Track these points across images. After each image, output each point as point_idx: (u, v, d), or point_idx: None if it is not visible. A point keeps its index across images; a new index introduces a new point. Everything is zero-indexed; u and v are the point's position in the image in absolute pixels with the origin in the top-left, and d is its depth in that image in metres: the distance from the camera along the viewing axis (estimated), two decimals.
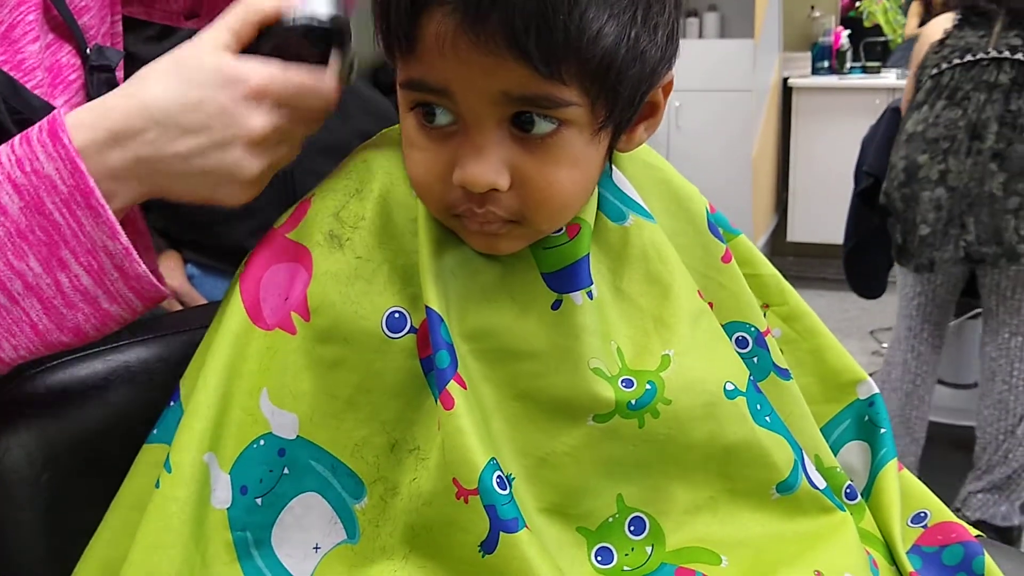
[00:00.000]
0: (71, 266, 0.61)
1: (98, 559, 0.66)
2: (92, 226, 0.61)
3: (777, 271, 0.82)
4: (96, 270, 0.62)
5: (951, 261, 2.28)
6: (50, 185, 0.60)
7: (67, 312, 0.62)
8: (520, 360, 0.67)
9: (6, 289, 0.61)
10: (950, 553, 0.76)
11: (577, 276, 0.69)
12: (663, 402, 0.69)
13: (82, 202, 0.60)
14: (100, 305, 0.63)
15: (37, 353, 0.64)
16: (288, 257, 0.67)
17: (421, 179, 0.64)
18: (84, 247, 0.61)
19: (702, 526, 0.71)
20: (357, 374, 0.65)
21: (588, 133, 0.62)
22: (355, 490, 0.66)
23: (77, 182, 0.60)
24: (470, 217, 0.64)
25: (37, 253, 0.60)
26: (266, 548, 0.65)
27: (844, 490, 0.78)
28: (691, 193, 0.79)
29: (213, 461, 0.63)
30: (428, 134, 0.62)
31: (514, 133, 0.60)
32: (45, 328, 0.62)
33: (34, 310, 0.62)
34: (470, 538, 0.62)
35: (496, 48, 0.55)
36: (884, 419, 0.82)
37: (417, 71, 0.60)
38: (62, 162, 0.60)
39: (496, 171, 0.60)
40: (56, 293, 0.62)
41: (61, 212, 0.60)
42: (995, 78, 2.24)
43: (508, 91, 0.58)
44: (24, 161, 0.60)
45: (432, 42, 0.57)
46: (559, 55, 0.56)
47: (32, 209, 0.60)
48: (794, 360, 0.81)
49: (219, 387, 0.64)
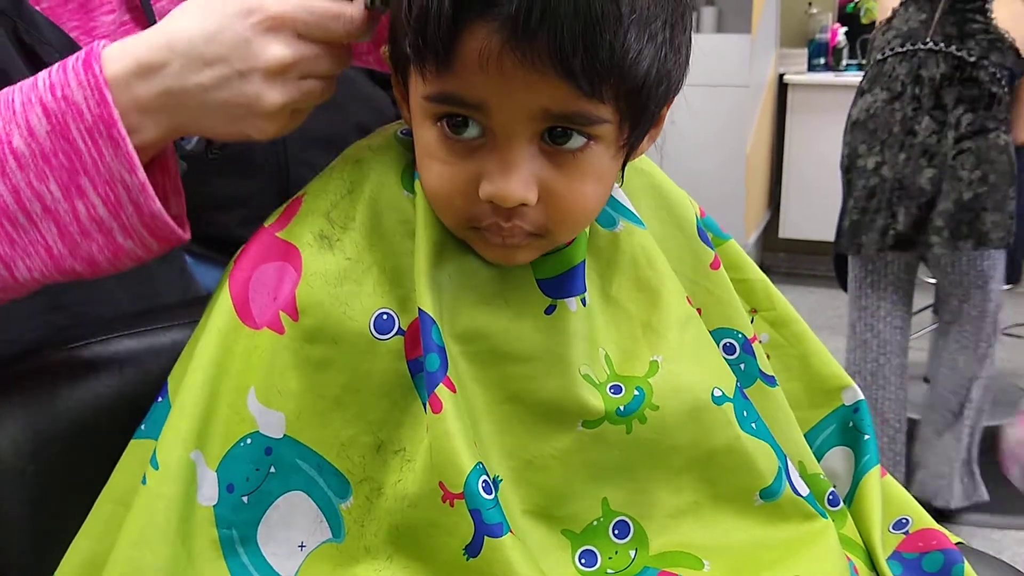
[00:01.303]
0: (89, 194, 0.62)
1: (83, 553, 0.66)
2: (111, 156, 0.61)
3: (766, 276, 0.83)
4: (112, 201, 0.62)
5: (877, 247, 2.34)
6: (77, 112, 0.61)
7: (81, 240, 0.63)
8: (512, 363, 0.68)
9: (25, 209, 0.62)
10: (930, 560, 0.77)
11: (572, 282, 0.70)
12: (650, 408, 0.69)
13: (104, 132, 0.61)
14: (114, 238, 0.64)
15: (50, 278, 0.64)
16: (277, 256, 0.68)
17: (442, 192, 0.64)
18: (103, 177, 0.62)
19: (685, 531, 0.72)
20: (344, 374, 0.66)
21: (614, 149, 0.63)
22: (341, 489, 0.66)
23: (102, 112, 0.61)
24: (494, 231, 0.64)
25: (58, 178, 0.61)
26: (252, 546, 0.65)
27: (826, 497, 0.79)
28: (681, 199, 0.79)
29: (200, 459, 0.64)
30: (452, 147, 0.62)
31: (544, 148, 0.61)
32: (59, 253, 0.63)
33: (50, 234, 0.63)
34: (454, 541, 0.62)
35: (541, 66, 0.56)
36: (868, 425, 0.82)
37: (452, 85, 0.59)
38: (90, 90, 0.61)
39: (526, 186, 0.61)
40: (72, 220, 0.62)
41: (84, 140, 0.61)
42: (930, 71, 2.27)
43: (548, 108, 0.58)
44: (56, 86, 0.61)
45: (473, 58, 0.57)
46: (602, 75, 0.57)
47: (57, 134, 0.61)
48: (781, 365, 0.82)
49: (206, 385, 0.64)
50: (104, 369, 0.76)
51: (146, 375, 0.77)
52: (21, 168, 0.61)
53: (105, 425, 0.73)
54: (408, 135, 0.73)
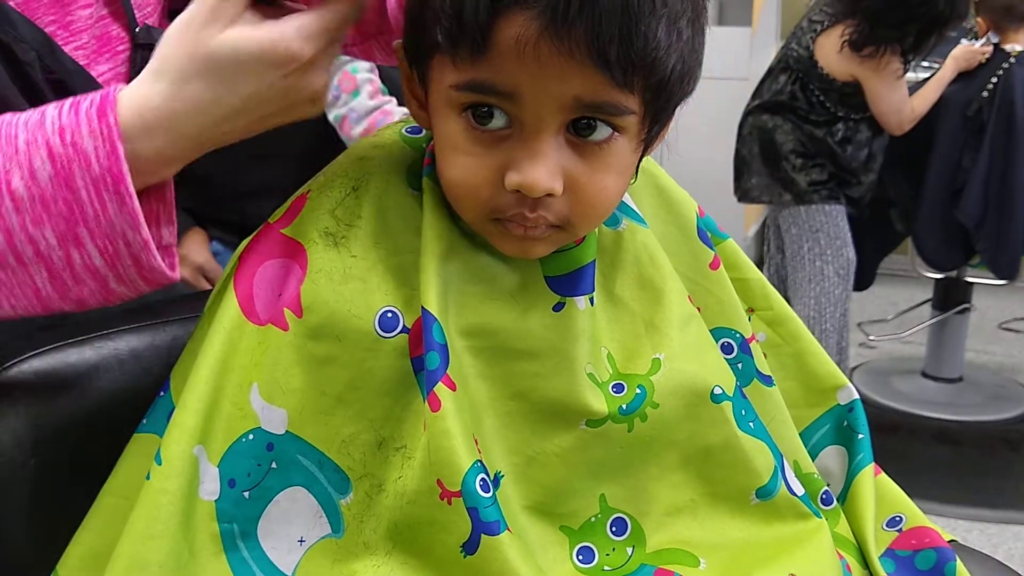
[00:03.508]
0: (86, 245, 0.60)
1: (86, 546, 0.67)
2: (115, 212, 0.59)
3: (763, 276, 0.83)
4: (111, 254, 0.61)
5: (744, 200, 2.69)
6: (85, 162, 0.59)
7: (73, 286, 0.62)
8: (518, 359, 0.68)
9: (16, 251, 0.60)
10: (923, 558, 0.77)
11: (582, 281, 0.70)
12: (651, 406, 0.70)
13: (111, 187, 0.59)
14: (108, 284, 0.63)
15: (34, 314, 0.64)
16: (283, 253, 0.68)
17: (467, 183, 0.64)
18: (103, 230, 0.60)
19: (682, 528, 0.73)
20: (348, 372, 0.66)
21: (635, 142, 0.64)
22: (341, 485, 0.67)
23: (111, 165, 0.59)
24: (518, 222, 0.64)
25: (55, 225, 0.59)
26: (252, 540, 0.66)
27: (820, 496, 0.79)
28: (682, 198, 0.80)
29: (202, 454, 0.64)
30: (478, 138, 0.62)
31: (569, 139, 0.62)
32: (47, 295, 0.62)
33: (40, 277, 0.61)
34: (452, 539, 0.63)
35: (578, 55, 0.57)
36: (863, 425, 0.83)
37: (485, 73, 0.59)
38: (102, 141, 0.59)
39: (553, 176, 0.61)
40: (65, 267, 0.61)
41: (88, 191, 0.59)
42: (791, 54, 2.50)
43: (580, 97, 0.59)
44: (66, 130, 0.59)
45: (509, 45, 0.57)
46: (635, 65, 0.58)
47: (61, 181, 0.59)
48: (777, 364, 0.83)
49: (210, 381, 0.65)
50: (104, 364, 0.77)
51: (147, 369, 0.77)
52: (17, 211, 0.59)
53: (106, 419, 0.74)
54: (413, 133, 0.73)
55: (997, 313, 3.95)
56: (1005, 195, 2.63)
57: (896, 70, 2.39)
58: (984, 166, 2.65)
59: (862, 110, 2.48)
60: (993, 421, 2.99)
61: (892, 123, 2.49)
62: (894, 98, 2.44)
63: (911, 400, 3.08)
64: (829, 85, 2.45)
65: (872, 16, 2.30)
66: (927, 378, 3.19)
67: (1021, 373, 3.46)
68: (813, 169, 2.51)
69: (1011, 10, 2.66)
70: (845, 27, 2.36)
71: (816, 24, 2.46)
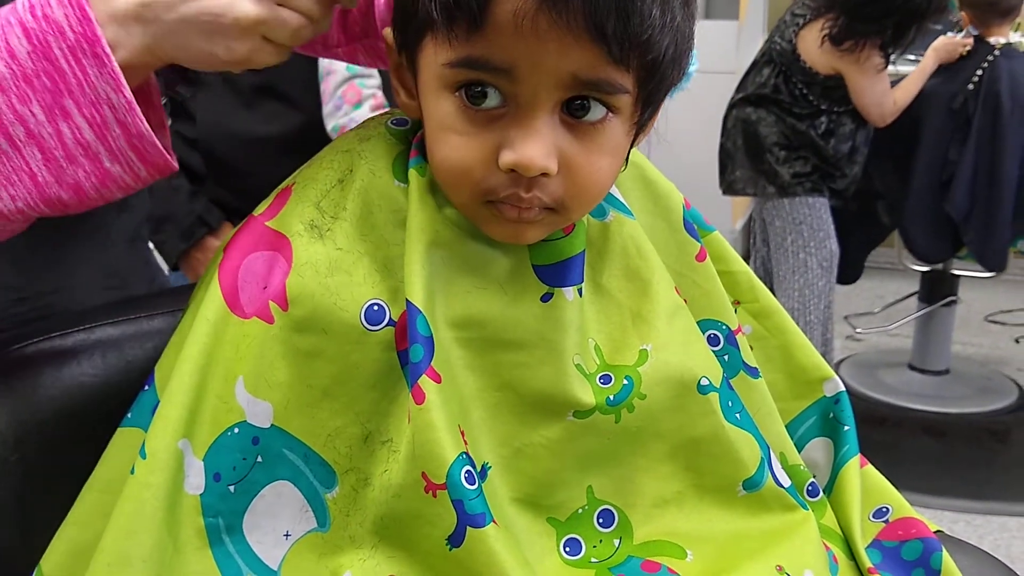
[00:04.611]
0: (74, 116, 0.61)
1: (70, 541, 0.67)
2: (96, 75, 0.60)
3: (749, 268, 0.83)
4: (99, 123, 0.61)
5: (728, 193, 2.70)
6: (58, 30, 0.59)
7: (67, 166, 0.62)
8: (506, 350, 0.68)
9: (7, 134, 0.60)
10: (909, 548, 0.78)
11: (570, 271, 0.70)
12: (639, 396, 0.70)
13: (88, 50, 0.60)
14: (101, 162, 0.62)
15: (35, 208, 0.63)
16: (268, 246, 0.68)
17: (460, 164, 0.63)
18: (88, 98, 0.60)
19: (669, 520, 0.73)
20: (334, 365, 0.66)
21: (628, 125, 0.65)
22: (327, 479, 0.67)
23: (84, 29, 0.59)
24: (512, 203, 0.64)
25: (41, 100, 0.60)
26: (237, 534, 0.66)
27: (806, 488, 0.79)
28: (668, 190, 0.80)
29: (187, 447, 0.64)
30: (472, 117, 0.62)
31: (564, 119, 0.62)
32: (44, 180, 0.62)
33: (34, 160, 0.61)
34: (437, 531, 0.62)
35: (576, 28, 0.57)
36: (848, 417, 0.83)
37: (480, 48, 0.59)
38: (71, 8, 0.59)
39: (548, 155, 0.61)
40: (57, 144, 0.61)
41: (67, 59, 0.60)
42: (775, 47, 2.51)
43: (576, 73, 0.59)
44: (36, 6, 0.60)
45: (507, 19, 0.57)
46: (632, 41, 0.58)
47: (39, 54, 0.59)
48: (763, 357, 0.83)
49: (195, 374, 0.64)
50: (87, 357, 0.76)
51: (129, 363, 0.77)
52: (2, 91, 0.60)
53: (89, 413, 0.74)
54: (399, 125, 0.73)
55: (983, 306, 3.97)
56: (992, 187, 2.65)
57: (877, 64, 2.40)
58: (971, 158, 2.66)
59: (845, 103, 2.49)
60: (979, 413, 3.01)
61: (874, 116, 2.50)
62: (876, 91, 2.45)
63: (898, 392, 3.09)
64: (812, 78, 2.46)
65: (850, 10, 2.31)
66: (914, 370, 3.20)
67: (1007, 365, 3.48)
68: (796, 162, 2.52)
69: (994, 6, 2.67)
70: (825, 21, 2.36)
71: (799, 18, 2.47)
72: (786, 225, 2.56)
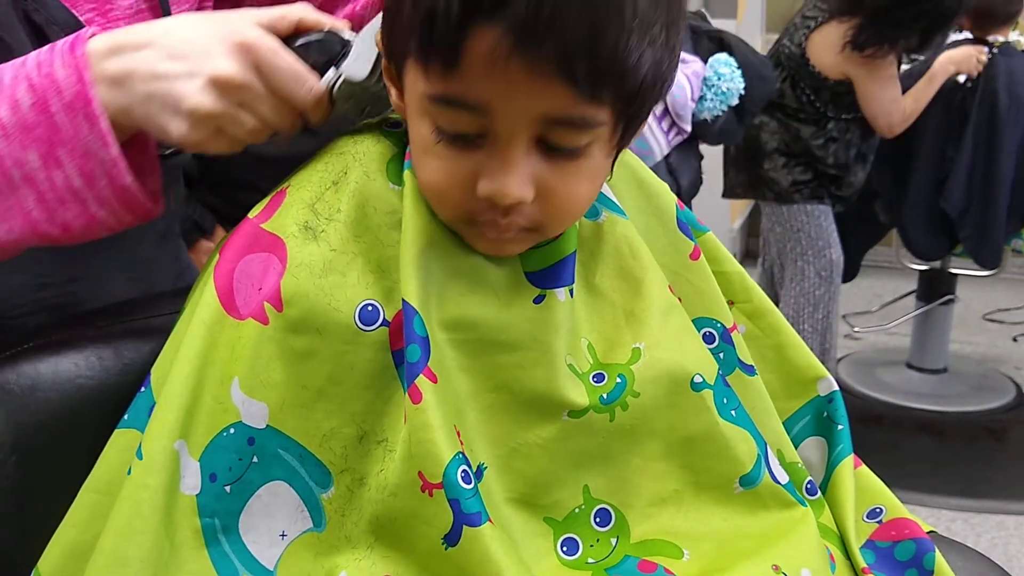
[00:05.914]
0: (65, 165, 0.66)
1: (67, 542, 0.67)
2: (87, 132, 0.65)
3: (742, 268, 0.84)
4: (87, 173, 0.66)
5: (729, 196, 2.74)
6: (57, 89, 0.65)
7: (57, 208, 0.67)
8: (500, 352, 0.69)
9: (8, 175, 0.66)
10: (902, 548, 0.78)
11: (562, 273, 0.71)
12: (632, 395, 0.70)
13: (81, 109, 0.65)
14: (88, 207, 0.68)
15: (28, 240, 0.69)
16: (262, 247, 0.68)
17: (439, 187, 0.65)
18: (79, 150, 0.66)
19: (666, 519, 0.73)
20: (329, 365, 0.66)
21: (608, 148, 0.65)
22: (322, 480, 0.67)
23: (80, 90, 0.65)
24: (491, 226, 0.65)
25: (38, 148, 0.66)
26: (233, 535, 0.66)
27: (804, 485, 0.79)
28: (661, 190, 0.80)
29: (183, 448, 0.64)
30: (449, 143, 0.63)
31: (541, 148, 0.62)
32: (36, 218, 0.68)
33: (29, 199, 0.67)
34: (433, 531, 0.63)
35: (547, 70, 0.57)
36: (842, 416, 0.83)
37: (455, 87, 0.59)
38: (71, 69, 0.65)
39: (524, 186, 0.62)
40: (49, 188, 0.67)
41: (62, 114, 0.65)
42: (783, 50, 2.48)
43: (549, 113, 0.59)
44: (44, 65, 0.66)
45: (479, 60, 0.57)
46: (604, 79, 0.58)
47: (39, 108, 0.65)
48: (757, 356, 0.83)
49: (191, 376, 0.65)
50: (84, 360, 0.76)
51: (126, 365, 0.77)
52: (6, 138, 0.65)
53: (86, 415, 0.74)
54: (394, 127, 0.73)
55: (981, 304, 3.98)
56: (988, 184, 2.65)
57: (891, 70, 2.36)
58: (968, 155, 2.66)
59: (853, 110, 2.45)
60: (977, 411, 3.02)
61: (882, 125, 2.46)
62: (886, 98, 2.41)
63: (896, 391, 3.10)
64: (820, 83, 2.42)
65: (876, 14, 2.24)
66: (912, 369, 3.21)
67: (1005, 364, 3.48)
68: (796, 168, 2.50)
69: (992, 15, 2.66)
70: (845, 27, 2.29)
71: (809, 20, 2.42)
72: (785, 232, 2.55)
